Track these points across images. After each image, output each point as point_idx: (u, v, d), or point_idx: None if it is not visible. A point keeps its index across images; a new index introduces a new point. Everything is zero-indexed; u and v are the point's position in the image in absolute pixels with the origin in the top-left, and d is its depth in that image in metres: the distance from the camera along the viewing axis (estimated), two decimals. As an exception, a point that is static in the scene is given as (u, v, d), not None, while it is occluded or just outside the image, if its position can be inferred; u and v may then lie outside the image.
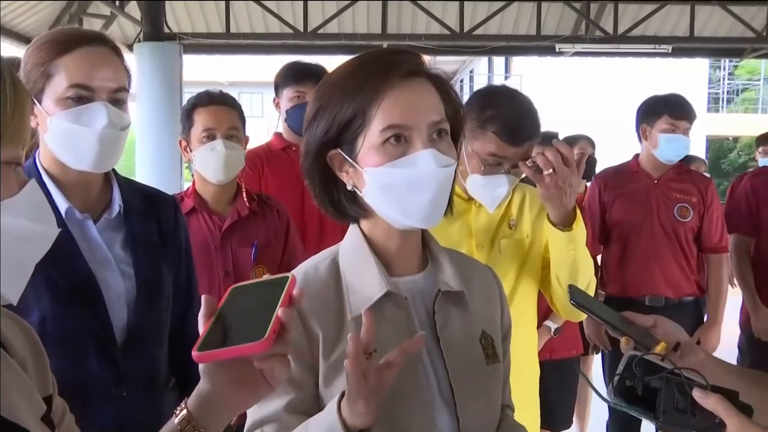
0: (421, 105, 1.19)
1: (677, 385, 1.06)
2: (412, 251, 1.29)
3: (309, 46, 8.69)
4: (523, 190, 2.07)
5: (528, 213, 2.03)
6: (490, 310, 1.35)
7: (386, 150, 1.18)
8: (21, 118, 0.84)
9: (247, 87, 24.48)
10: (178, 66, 7.70)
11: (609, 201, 3.56)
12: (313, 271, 1.27)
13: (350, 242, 1.29)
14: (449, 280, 1.26)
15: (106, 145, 1.55)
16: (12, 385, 0.87)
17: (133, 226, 1.66)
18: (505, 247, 1.99)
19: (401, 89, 1.18)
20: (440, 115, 1.20)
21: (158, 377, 1.67)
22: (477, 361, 1.27)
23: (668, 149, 3.41)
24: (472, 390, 1.23)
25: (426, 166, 1.17)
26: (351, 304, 1.22)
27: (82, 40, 1.55)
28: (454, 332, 1.25)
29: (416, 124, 1.18)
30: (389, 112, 1.17)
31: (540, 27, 8.78)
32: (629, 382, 1.09)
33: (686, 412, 1.04)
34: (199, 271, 2.28)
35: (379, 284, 1.21)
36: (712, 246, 3.49)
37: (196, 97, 2.52)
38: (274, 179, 2.92)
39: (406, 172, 1.17)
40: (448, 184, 1.21)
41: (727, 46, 9.95)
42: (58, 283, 1.51)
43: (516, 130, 1.87)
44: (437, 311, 1.24)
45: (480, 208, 2.02)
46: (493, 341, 1.30)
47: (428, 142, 1.18)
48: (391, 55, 1.22)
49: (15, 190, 0.84)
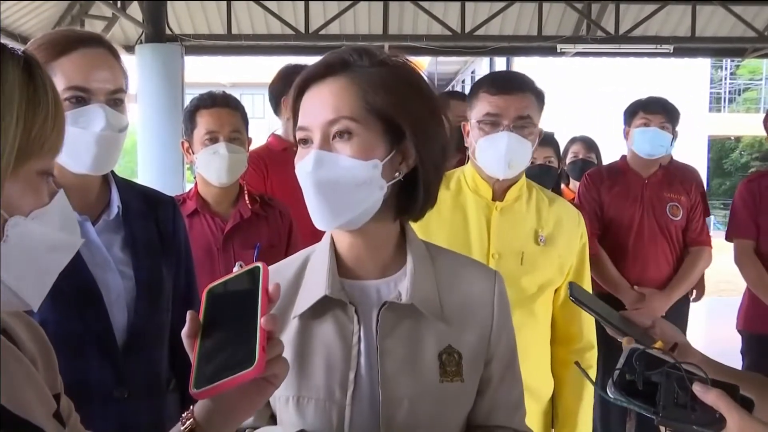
0: (319, 105, 1.17)
1: (677, 380, 1.05)
2: (370, 254, 1.24)
3: (310, 47, 8.69)
4: (560, 210, 2.04)
5: (565, 235, 2.01)
6: (471, 327, 1.26)
7: (300, 152, 1.20)
8: (60, 130, 0.85)
9: (249, 88, 24.45)
10: (180, 67, 7.69)
11: (603, 199, 3.59)
12: (284, 266, 1.31)
13: (323, 240, 1.30)
14: (402, 291, 1.21)
15: (104, 148, 1.54)
16: (25, 383, 0.88)
17: (132, 227, 1.66)
18: (528, 261, 1.94)
19: (310, 92, 1.19)
20: (338, 113, 1.15)
21: (160, 378, 1.66)
22: (425, 375, 1.20)
23: (643, 142, 3.50)
24: (410, 403, 1.19)
25: (305, 168, 1.16)
26: (297, 303, 1.24)
27: (79, 42, 1.54)
28: (398, 343, 1.20)
29: (312, 125, 1.17)
30: (300, 116, 1.20)
31: (541, 27, 8.78)
32: (629, 376, 1.07)
33: (686, 406, 1.04)
34: (202, 273, 2.27)
35: (322, 286, 1.21)
36: (694, 238, 3.59)
37: (199, 98, 2.52)
38: (278, 180, 2.92)
39: (300, 175, 1.19)
40: (335, 186, 1.15)
41: (729, 45, 9.93)
42: (58, 285, 1.48)
43: (502, 81, 1.96)
44: (380, 320, 1.20)
45: (501, 212, 1.98)
46: (461, 358, 1.23)
47: (323, 143, 1.16)
48: (322, 59, 1.21)
49: (46, 200, 0.86)
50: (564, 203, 2.10)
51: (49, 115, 0.83)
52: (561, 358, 2.05)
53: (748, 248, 3.54)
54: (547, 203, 2.04)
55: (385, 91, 1.16)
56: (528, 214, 2.00)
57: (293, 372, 1.20)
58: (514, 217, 1.99)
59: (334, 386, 1.19)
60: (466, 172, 2.06)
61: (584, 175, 3.83)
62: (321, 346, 1.21)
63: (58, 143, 0.86)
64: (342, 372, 1.20)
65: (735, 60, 23.00)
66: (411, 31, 9.00)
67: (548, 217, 2.01)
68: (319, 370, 1.20)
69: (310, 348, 1.22)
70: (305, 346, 1.22)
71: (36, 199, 0.84)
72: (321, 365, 1.21)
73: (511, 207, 2.00)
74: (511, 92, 1.92)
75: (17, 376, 0.87)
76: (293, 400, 1.21)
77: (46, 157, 0.84)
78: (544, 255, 1.97)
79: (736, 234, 3.59)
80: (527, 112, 1.92)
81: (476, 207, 1.98)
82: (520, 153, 1.92)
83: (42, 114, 0.82)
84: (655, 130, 3.48)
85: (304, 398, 1.20)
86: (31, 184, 0.83)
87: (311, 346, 1.22)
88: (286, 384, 1.16)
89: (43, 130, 0.82)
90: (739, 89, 26.86)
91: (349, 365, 1.20)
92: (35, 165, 0.83)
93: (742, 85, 26.94)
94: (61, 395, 0.99)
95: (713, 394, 1.03)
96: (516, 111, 1.90)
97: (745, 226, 3.55)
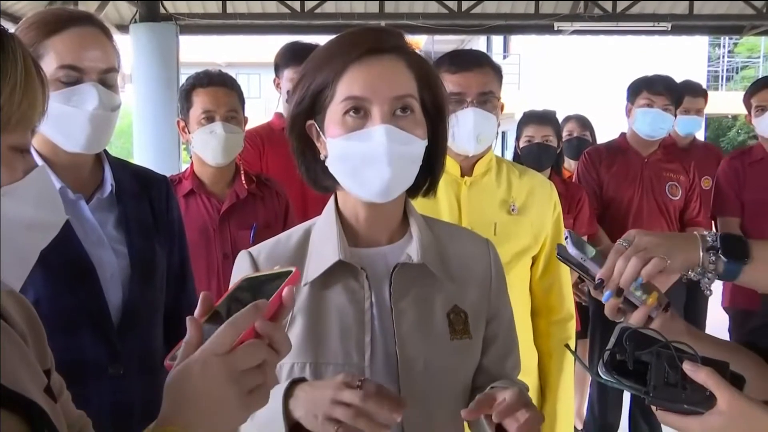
0: (384, 79, 1.20)
1: (668, 359, 1.05)
2: (382, 223, 1.31)
3: (306, 26, 8.64)
4: (531, 181, 2.09)
5: (537, 204, 2.05)
6: (472, 286, 1.34)
7: (345, 122, 1.21)
8: (32, 103, 0.83)
9: (245, 68, 24.34)
10: (175, 47, 7.64)
11: (602, 178, 3.58)
12: (285, 239, 1.34)
13: (325, 212, 1.33)
14: (412, 253, 1.27)
15: (97, 127, 1.54)
16: (17, 359, 0.87)
17: (125, 205, 1.66)
18: (502, 231, 1.99)
19: (366, 63, 1.20)
20: (405, 90, 1.21)
21: (154, 356, 1.67)
22: (438, 334, 1.27)
23: (644, 123, 3.48)
24: (425, 362, 1.24)
25: (379, 140, 1.18)
26: (308, 271, 1.27)
27: (71, 21, 1.54)
28: (411, 304, 1.26)
29: (376, 98, 1.19)
30: (350, 84, 1.20)
31: (538, 5, 8.73)
32: (620, 356, 1.07)
33: (677, 386, 1.04)
34: (198, 254, 2.27)
35: (334, 253, 1.25)
36: (691, 219, 3.59)
37: (195, 77, 2.50)
38: (276, 159, 2.90)
39: (361, 146, 1.20)
40: (408, 162, 1.22)
41: (727, 23, 9.87)
42: (52, 263, 1.50)
43: (461, 59, 2.00)
44: (394, 283, 1.26)
45: (470, 187, 2.03)
46: (467, 317, 1.30)
47: (388, 117, 1.19)
48: (367, 32, 1.24)
49: (19, 176, 0.84)
50: (535, 175, 2.14)
51: (17, 86, 0.80)
52: (542, 329, 2.09)
53: (732, 225, 3.59)
54: (518, 175, 2.09)
55: (432, 74, 1.28)
56: (499, 187, 2.05)
57: (309, 339, 1.24)
58: (483, 189, 2.04)
59: (351, 350, 1.23)
60: None
61: (583, 154, 3.82)
62: (334, 313, 1.25)
63: (32, 117, 0.83)
64: (357, 336, 1.24)
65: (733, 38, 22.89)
66: (407, 10, 8.94)
67: (520, 188, 2.06)
68: (334, 336, 1.24)
69: (324, 315, 1.25)
70: (318, 313, 1.25)
71: (7, 174, 0.82)
72: (336, 331, 1.24)
73: (480, 181, 2.05)
74: (472, 69, 1.97)
75: (12, 356, 0.87)
76: (310, 366, 1.23)
77: (17, 131, 0.82)
78: (517, 224, 2.01)
79: (720, 212, 3.62)
80: (489, 88, 1.98)
81: (445, 184, 1.99)
82: (487, 127, 1.98)
83: (9, 85, 0.79)
84: (657, 111, 3.45)
85: (321, 364, 1.23)
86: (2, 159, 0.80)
87: (324, 313, 1.25)
88: (301, 351, 1.23)
89: (10, 102, 0.79)
90: (737, 67, 26.75)
91: (363, 329, 1.24)
92: (6, 140, 0.80)
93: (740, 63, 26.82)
94: (51, 370, 0.98)
95: (704, 372, 1.03)
96: (478, 87, 1.96)
97: (729, 203, 3.59)
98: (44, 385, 0.91)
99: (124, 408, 1.57)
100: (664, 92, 3.46)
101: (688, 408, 1.04)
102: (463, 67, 1.97)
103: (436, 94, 1.28)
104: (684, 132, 4.35)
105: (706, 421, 1.03)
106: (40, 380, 0.91)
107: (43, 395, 0.89)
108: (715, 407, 1.02)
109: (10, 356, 0.86)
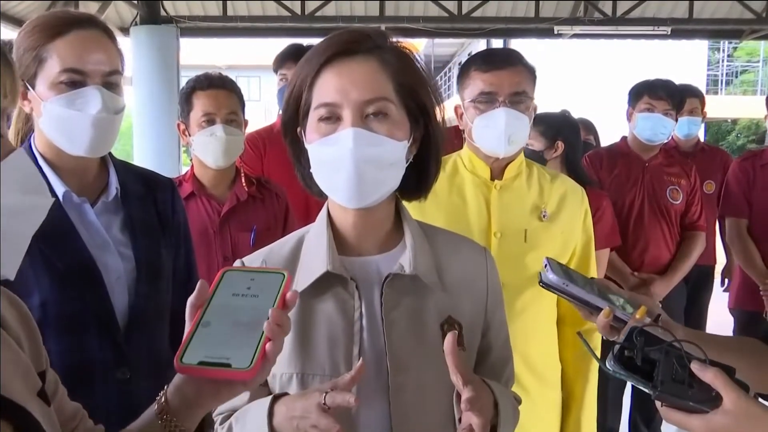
0: (354, 83, 1.18)
1: (676, 358, 1.07)
2: (371, 230, 1.28)
3: (306, 29, 8.64)
4: (563, 186, 2.02)
5: (569, 210, 1.98)
6: (468, 296, 1.31)
7: (320, 128, 1.20)
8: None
9: (245, 70, 24.38)
10: (175, 49, 7.66)
11: (603, 182, 3.58)
12: (278, 247, 1.32)
13: (318, 220, 1.31)
14: (405, 263, 1.24)
15: (101, 130, 1.54)
16: (9, 364, 0.86)
17: (130, 208, 1.66)
18: (532, 238, 1.92)
19: (337, 67, 1.19)
20: (376, 93, 1.18)
21: (161, 359, 1.67)
22: (430, 346, 1.23)
23: (645, 128, 3.47)
24: (417, 374, 1.22)
25: (344, 143, 1.17)
26: (298, 280, 1.25)
27: (74, 24, 1.54)
28: (403, 315, 1.24)
29: (346, 102, 1.18)
30: (321, 90, 1.20)
31: (538, 9, 8.75)
32: (629, 352, 1.09)
33: (684, 383, 1.05)
34: (198, 256, 2.27)
35: (322, 263, 1.23)
36: (691, 223, 3.58)
37: (195, 79, 2.50)
38: (277, 162, 2.90)
39: (330, 150, 1.19)
40: (381, 165, 1.19)
41: (726, 27, 9.89)
42: (58, 267, 1.51)
43: (493, 57, 1.92)
44: (385, 293, 1.23)
45: (501, 191, 1.96)
46: (461, 328, 1.27)
47: (358, 121, 1.17)
48: (340, 36, 1.23)
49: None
50: (566, 179, 2.06)
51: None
52: (568, 338, 2.02)
53: (740, 227, 3.60)
54: (549, 179, 2.01)
55: (412, 73, 1.23)
56: (529, 192, 1.97)
57: (296, 349, 1.23)
58: (514, 194, 1.96)
59: (339, 361, 1.21)
60: (462, 155, 2.04)
61: (584, 157, 3.80)
62: (323, 323, 1.23)
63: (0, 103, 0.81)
64: (345, 347, 1.22)
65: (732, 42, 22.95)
66: (407, 13, 8.95)
67: (551, 193, 1.98)
68: (322, 347, 1.22)
69: (312, 325, 1.23)
70: (306, 324, 1.23)
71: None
72: (323, 342, 1.22)
73: (511, 185, 1.97)
74: (504, 68, 1.89)
75: (5, 362, 0.85)
76: (297, 377, 1.22)
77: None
78: (548, 231, 1.94)
79: (729, 212, 3.64)
80: (522, 87, 1.89)
81: (474, 187, 1.96)
82: (519, 128, 1.89)
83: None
84: (658, 116, 3.44)
85: (308, 375, 1.22)
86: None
87: (313, 324, 1.23)
88: (289, 361, 1.21)
89: None
90: (737, 71, 26.77)
91: (352, 340, 1.22)
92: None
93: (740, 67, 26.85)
94: (46, 371, 0.97)
95: (711, 372, 1.04)
96: (510, 87, 1.88)
97: (738, 204, 3.61)
98: (38, 389, 0.90)
99: (133, 411, 1.57)
100: (665, 97, 3.45)
101: (693, 405, 1.05)
102: (495, 65, 1.89)
103: (417, 92, 1.23)
104: (682, 134, 4.36)
105: (710, 420, 1.04)
106: (34, 384, 0.90)
107: (37, 399, 0.88)
108: (720, 407, 1.03)
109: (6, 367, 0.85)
